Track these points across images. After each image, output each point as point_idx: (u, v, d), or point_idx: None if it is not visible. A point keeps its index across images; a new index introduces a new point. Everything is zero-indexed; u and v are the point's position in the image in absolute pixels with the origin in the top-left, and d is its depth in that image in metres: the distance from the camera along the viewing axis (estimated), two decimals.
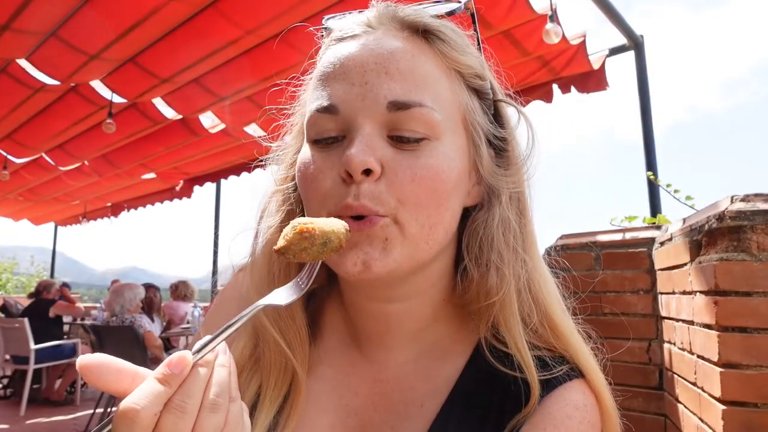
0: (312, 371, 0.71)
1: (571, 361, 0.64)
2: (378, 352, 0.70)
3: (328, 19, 0.70)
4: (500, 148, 0.68)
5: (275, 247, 0.53)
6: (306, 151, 0.63)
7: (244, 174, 6.65)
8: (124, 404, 0.40)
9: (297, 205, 0.70)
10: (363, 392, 0.69)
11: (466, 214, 0.68)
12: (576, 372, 0.63)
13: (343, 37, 0.64)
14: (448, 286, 0.69)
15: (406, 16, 0.64)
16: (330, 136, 0.60)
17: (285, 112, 0.74)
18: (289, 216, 0.70)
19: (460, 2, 0.68)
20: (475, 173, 0.66)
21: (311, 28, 0.72)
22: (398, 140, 0.58)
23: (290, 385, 0.68)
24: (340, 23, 0.67)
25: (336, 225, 0.53)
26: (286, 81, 0.73)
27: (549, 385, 0.61)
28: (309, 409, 0.68)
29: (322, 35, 0.70)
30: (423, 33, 0.63)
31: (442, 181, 0.59)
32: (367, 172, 0.57)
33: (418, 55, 0.61)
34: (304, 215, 0.68)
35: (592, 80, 4.09)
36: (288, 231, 0.52)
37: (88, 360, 0.42)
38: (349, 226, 0.55)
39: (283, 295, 0.53)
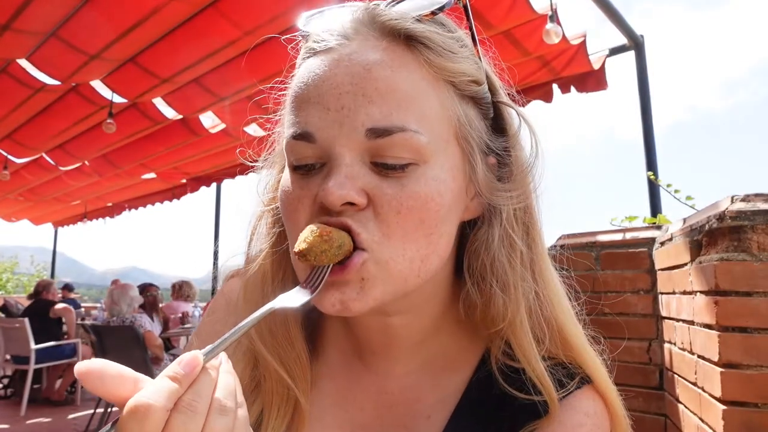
0: (314, 386, 0.68)
1: (580, 369, 0.63)
2: (382, 363, 0.68)
3: (307, 18, 0.63)
4: (501, 156, 0.63)
5: (296, 249, 0.52)
6: (286, 177, 0.59)
7: (249, 174, 6.63)
8: (135, 400, 0.39)
9: None
10: (369, 406, 0.67)
11: (466, 227, 0.64)
12: (585, 379, 0.62)
13: (316, 50, 0.58)
14: (448, 298, 0.66)
15: (387, 20, 0.56)
16: (308, 163, 0.56)
17: (272, 119, 0.70)
18: (280, 239, 0.66)
19: None
20: (472, 187, 0.61)
21: (284, 38, 0.66)
22: (382, 167, 0.54)
23: (293, 412, 0.65)
24: (316, 28, 0.60)
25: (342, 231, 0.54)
26: (269, 86, 0.68)
27: (561, 396, 0.60)
28: (314, 427, 0.66)
29: (302, 35, 0.63)
30: (405, 40, 0.56)
31: (431, 210, 0.54)
32: (351, 204, 0.53)
33: (399, 69, 0.54)
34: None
35: (591, 80, 4.09)
36: (308, 234, 0.52)
37: (86, 366, 0.40)
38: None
39: (294, 298, 0.52)
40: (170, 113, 5.00)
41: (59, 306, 6.79)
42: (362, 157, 0.54)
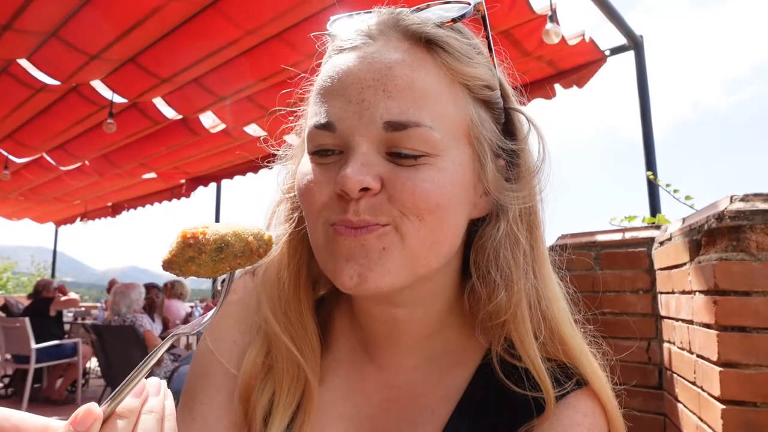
0: (323, 380, 0.70)
1: (577, 371, 0.64)
2: (388, 358, 0.70)
3: (334, 20, 0.67)
4: (511, 159, 0.66)
5: (161, 262, 0.47)
6: (306, 163, 0.62)
7: (249, 174, 6.66)
8: None
9: None
10: (375, 398, 0.69)
11: (475, 226, 0.66)
12: (583, 380, 0.64)
13: (342, 48, 0.62)
14: (454, 296, 0.69)
15: (409, 24, 0.60)
16: (327, 149, 0.59)
17: (292, 113, 0.74)
18: (299, 224, 0.68)
19: (469, 3, 0.63)
20: (481, 185, 0.64)
21: (312, 35, 0.70)
22: (396, 156, 0.57)
23: (303, 393, 0.67)
24: (343, 30, 0.64)
25: (246, 229, 0.48)
26: (296, 80, 0.71)
27: (558, 394, 0.62)
28: (321, 418, 0.68)
29: (329, 36, 0.67)
30: (426, 43, 0.60)
31: (443, 196, 0.57)
32: (365, 189, 0.56)
33: (418, 69, 0.58)
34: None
35: (588, 74, 4.09)
36: (172, 240, 0.46)
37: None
38: (344, 233, 0.56)
39: (197, 323, 0.50)
40: (170, 113, 5.00)
41: (62, 299, 6.80)
42: (378, 147, 0.57)
